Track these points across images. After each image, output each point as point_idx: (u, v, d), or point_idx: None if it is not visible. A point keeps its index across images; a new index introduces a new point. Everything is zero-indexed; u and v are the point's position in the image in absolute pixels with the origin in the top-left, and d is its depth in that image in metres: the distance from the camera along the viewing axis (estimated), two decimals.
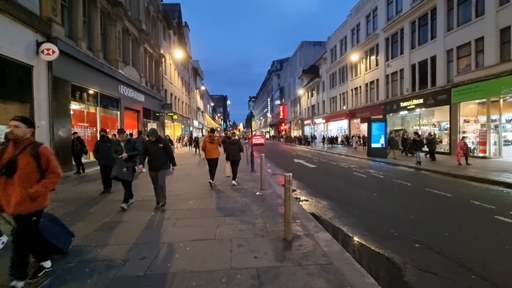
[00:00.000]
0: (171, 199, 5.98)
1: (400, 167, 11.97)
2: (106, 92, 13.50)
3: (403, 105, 21.92)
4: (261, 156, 6.93)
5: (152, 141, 5.36)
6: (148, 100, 19.86)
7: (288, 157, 18.41)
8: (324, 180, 8.87)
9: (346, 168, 11.80)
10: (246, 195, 6.33)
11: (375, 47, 26.66)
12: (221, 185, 7.65)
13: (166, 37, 26.49)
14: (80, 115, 11.68)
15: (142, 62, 18.91)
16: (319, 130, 44.33)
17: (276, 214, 4.81)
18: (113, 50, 14.55)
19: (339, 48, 35.61)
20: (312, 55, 51.04)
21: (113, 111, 14.68)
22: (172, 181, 8.47)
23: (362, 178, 9.02)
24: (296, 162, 14.34)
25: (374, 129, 16.63)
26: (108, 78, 13.58)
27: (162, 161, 5.38)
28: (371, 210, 5.32)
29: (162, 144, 5.40)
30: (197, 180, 8.56)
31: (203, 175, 9.61)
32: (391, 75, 24.11)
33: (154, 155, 5.34)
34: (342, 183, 8.33)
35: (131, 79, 16.37)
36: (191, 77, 41.88)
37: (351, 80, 31.95)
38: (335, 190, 7.25)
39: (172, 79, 28.90)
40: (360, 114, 29.71)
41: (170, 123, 28.39)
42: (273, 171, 11.46)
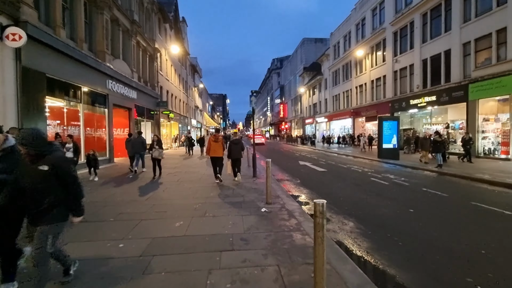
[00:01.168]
0: (153, 219, 4.64)
1: (420, 171, 10.65)
2: (91, 87, 12.14)
3: (413, 103, 20.60)
4: (267, 161, 5.58)
5: (27, 157, 2.37)
6: (141, 97, 18.48)
7: (291, 158, 17.06)
8: (340, 189, 7.53)
9: (360, 172, 10.47)
10: (249, 212, 5.00)
11: (382, 42, 25.32)
12: (220, 190, 6.35)
13: (161, 31, 25.09)
14: (59, 113, 10.31)
15: (134, 56, 17.53)
16: (321, 129, 43.00)
17: (293, 246, 3.48)
18: (99, 41, 13.16)
19: (343, 44, 34.25)
20: (314, 52, 49.65)
21: (100, 108, 13.31)
22: (161, 189, 7.14)
23: (384, 186, 7.69)
24: (302, 165, 13.01)
25: (385, 128, 15.30)
26: (93, 72, 12.21)
27: (44, 204, 2.36)
28: (420, 239, 3.91)
29: (50, 165, 2.36)
30: (190, 188, 7.23)
31: (198, 181, 8.27)
32: (400, 71, 22.77)
33: (27, 187, 2.38)
34: (362, 193, 6.99)
35: (121, 73, 15.00)
36: (189, 74, 40.47)
37: (355, 77, 30.62)
38: (358, 204, 5.92)
39: (169, 75, 27.51)
40: (365, 113, 28.40)
41: (166, 122, 27.01)
42: (277, 176, 10.13)
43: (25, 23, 8.08)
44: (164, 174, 9.97)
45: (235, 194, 6.49)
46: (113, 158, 14.18)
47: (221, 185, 7.74)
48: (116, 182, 8.37)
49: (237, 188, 7.18)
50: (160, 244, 3.58)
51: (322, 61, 41.61)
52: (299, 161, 14.61)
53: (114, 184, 8.01)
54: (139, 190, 7.19)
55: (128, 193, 6.71)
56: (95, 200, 6.00)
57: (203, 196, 6.30)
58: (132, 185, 7.63)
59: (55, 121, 10.02)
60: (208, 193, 6.62)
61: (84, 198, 2.57)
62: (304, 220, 4.48)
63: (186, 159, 15.62)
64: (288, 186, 8.00)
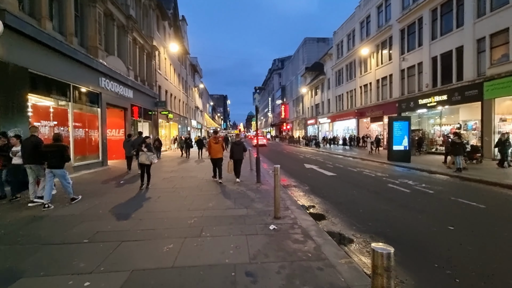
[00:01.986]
0: (136, 241, 3.77)
1: (438, 176, 9.75)
2: (81, 85, 11.28)
3: (422, 103, 19.71)
4: (275, 168, 4.70)
5: None
6: (138, 96, 17.64)
7: (296, 161, 16.17)
8: (356, 197, 6.63)
9: (374, 177, 9.57)
10: (254, 229, 4.12)
11: (388, 40, 24.44)
12: (219, 199, 5.48)
13: (160, 29, 24.27)
14: (44, 112, 9.45)
15: (130, 53, 16.70)
16: (323, 130, 42.10)
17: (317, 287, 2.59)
18: (92, 36, 12.33)
19: (346, 42, 33.40)
20: (316, 52, 48.83)
21: (92, 108, 12.46)
22: (153, 199, 6.26)
23: (406, 195, 6.78)
24: (308, 168, 12.11)
25: (396, 129, 14.42)
26: (84, 68, 11.37)
27: None
28: (482, 273, 3.00)
29: None
30: (187, 197, 6.35)
31: (195, 189, 7.40)
32: (407, 70, 21.89)
33: None
34: (384, 203, 6.08)
35: (116, 71, 14.15)
36: (189, 74, 39.66)
37: (359, 77, 29.74)
38: (383, 218, 5.01)
39: (167, 75, 26.69)
40: (370, 113, 27.52)
41: (165, 122, 26.16)
42: (283, 180, 9.24)
43: (3, 11, 7.24)
44: (159, 179, 9.10)
45: (238, 205, 5.61)
46: (106, 160, 13.32)
47: (221, 192, 6.87)
48: (103, 190, 7.50)
49: (239, 197, 6.30)
50: (139, 282, 2.70)
51: (325, 61, 40.76)
52: (305, 164, 13.71)
53: (100, 192, 7.13)
54: (128, 199, 6.31)
55: (114, 204, 5.83)
56: (72, 212, 5.13)
57: (200, 207, 5.42)
58: (121, 193, 6.77)
59: (41, 121, 9.15)
60: (207, 203, 5.75)
61: None
62: (323, 243, 3.60)
63: (184, 163, 14.75)
64: (297, 194, 7.12)
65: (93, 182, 8.61)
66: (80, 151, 11.52)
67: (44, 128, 9.23)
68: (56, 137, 6.02)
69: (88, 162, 11.82)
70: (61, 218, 4.83)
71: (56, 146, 5.79)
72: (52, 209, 5.44)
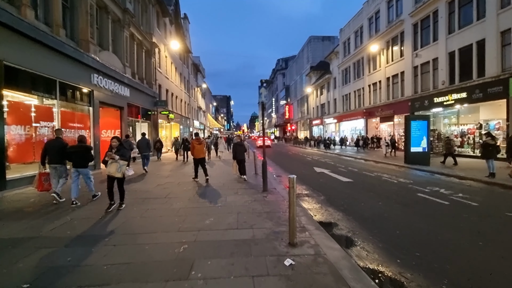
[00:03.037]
0: (100, 286, 2.68)
1: (470, 182, 8.54)
2: (69, 81, 10.28)
3: (438, 101, 18.43)
4: (290, 179, 3.57)
5: None
6: (136, 95, 16.65)
7: (304, 163, 15.00)
8: (383, 210, 5.47)
9: (397, 183, 8.38)
10: (264, 265, 3.02)
11: (399, 36, 23.20)
12: (219, 214, 4.39)
13: (160, 26, 23.32)
14: (25, 110, 8.45)
15: (127, 49, 15.71)
16: (329, 131, 40.85)
17: None
18: (83, 28, 11.34)
19: (354, 40, 32.19)
20: (321, 51, 47.64)
21: (83, 107, 11.47)
22: (139, 213, 5.18)
23: (445, 208, 5.58)
24: (319, 173, 10.96)
25: (414, 129, 13.20)
26: (73, 63, 10.38)
27: None
28: None
29: None
30: (179, 211, 5.26)
31: (192, 200, 6.31)
32: (421, 67, 20.63)
33: None
34: (421, 220, 4.84)
35: (111, 67, 13.16)
36: (191, 73, 38.71)
37: (368, 75, 28.51)
38: (429, 244, 3.82)
39: (168, 73, 25.71)
40: (379, 113, 26.26)
41: (166, 123, 25.18)
42: None
43: None
44: (152, 186, 8.04)
45: (241, 222, 4.51)
46: (99, 164, 12.30)
47: (222, 203, 5.77)
48: (85, 198, 6.44)
49: (243, 210, 5.19)
50: None
51: (331, 59, 39.57)
52: (314, 168, 12.55)
53: (81, 201, 6.08)
54: (110, 213, 5.25)
55: (92, 219, 4.78)
56: (29, 234, 4.06)
57: (194, 226, 4.33)
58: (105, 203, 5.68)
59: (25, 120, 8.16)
60: (203, 220, 4.66)
61: None
62: None
63: (183, 167, 13.66)
64: (311, 206, 5.99)
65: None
66: None
67: (23, 129, 8.23)
68: (81, 139, 6.38)
69: None
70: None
71: (81, 147, 6.19)
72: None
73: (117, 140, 5.63)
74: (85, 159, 6.22)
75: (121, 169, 5.45)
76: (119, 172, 5.42)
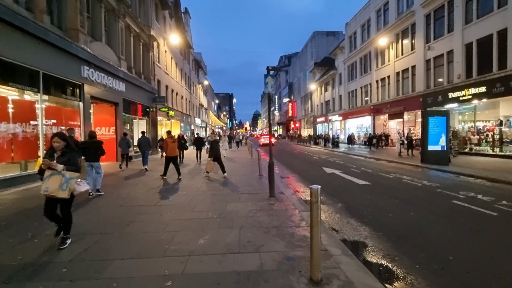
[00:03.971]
0: None
1: (502, 185, 7.50)
2: (55, 73, 9.35)
3: (453, 96, 17.30)
4: (313, 191, 2.58)
5: None
6: (132, 90, 15.72)
7: (311, 163, 13.99)
8: (419, 224, 4.41)
9: (421, 187, 7.35)
10: None
11: (410, 28, 22.02)
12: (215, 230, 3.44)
13: (159, 19, 22.34)
14: (1, 104, 7.53)
15: (122, 42, 14.76)
16: (334, 128, 39.74)
17: None
18: (71, 16, 10.40)
19: (360, 34, 31.00)
20: (325, 47, 46.37)
21: (72, 101, 10.55)
22: (119, 227, 4.24)
23: (497, 221, 4.49)
24: (330, 174, 9.95)
25: (431, 126, 12.13)
26: (59, 53, 9.45)
27: None
28: None
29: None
30: (168, 226, 4.32)
31: (186, 207, 5.36)
32: (434, 60, 19.48)
33: None
34: (474, 237, 3.74)
35: (104, 60, 12.23)
36: (193, 70, 37.73)
37: (376, 70, 27.36)
38: (503, 273, 2.88)
39: (168, 69, 24.75)
40: (388, 110, 25.14)
41: (166, 120, 24.28)
42: (302, 191, 7.18)
43: None
44: (143, 190, 7.11)
45: (244, 242, 3.54)
46: None
47: (221, 215, 4.81)
48: None
49: (247, 224, 4.22)
50: None
51: (336, 55, 38.39)
52: (323, 168, 11.54)
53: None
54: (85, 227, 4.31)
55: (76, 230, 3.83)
56: None
57: (184, 249, 3.36)
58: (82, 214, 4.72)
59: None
60: (196, 238, 3.70)
61: None
62: None
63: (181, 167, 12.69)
64: (330, 218, 4.96)
65: None
66: None
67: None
68: (92, 135, 6.77)
69: None
70: None
71: (93, 143, 6.55)
72: None
73: (61, 138, 3.57)
74: (98, 153, 6.56)
75: (69, 186, 3.43)
76: (64, 189, 3.38)
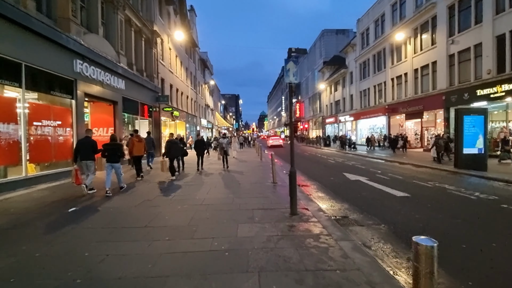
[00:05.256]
0: None
1: None
2: (42, 66, 8.26)
3: (482, 93, 15.74)
4: (421, 252, 1.30)
5: None
6: (133, 88, 14.64)
7: (329, 168, 12.59)
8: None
9: (477, 200, 5.91)
10: None
11: (431, 21, 20.47)
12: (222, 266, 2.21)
13: (163, 14, 21.30)
14: None
15: (121, 36, 13.69)
16: (345, 129, 38.19)
17: None
18: (62, 4, 9.31)
19: (373, 30, 29.48)
20: (335, 45, 44.87)
21: (63, 99, 9.46)
22: (76, 281, 3.04)
23: None
24: (355, 181, 8.59)
25: (467, 126, 10.67)
26: (47, 44, 8.37)
27: None
28: None
29: None
30: (155, 266, 3.10)
31: (185, 233, 4.12)
32: (458, 55, 17.92)
33: None
34: None
35: (100, 54, 11.14)
36: (198, 69, 36.69)
37: (391, 67, 25.82)
38: None
39: (173, 67, 23.70)
40: (405, 109, 23.58)
41: (170, 121, 23.22)
42: (330, 208, 5.87)
43: None
44: (139, 200, 5.89)
45: None
46: None
47: (230, 246, 3.55)
48: (26, 224, 4.36)
49: (267, 266, 2.95)
50: None
51: (347, 53, 36.90)
52: (344, 173, 10.17)
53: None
54: (45, 258, 3.11)
55: None
56: None
57: None
58: (39, 238, 3.53)
59: None
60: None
61: None
62: None
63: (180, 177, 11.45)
64: (380, 249, 3.65)
65: (34, 206, 5.51)
66: (41, 157, 8.51)
67: None
68: (113, 138, 7.38)
69: (53, 172, 8.81)
70: None
71: (114, 145, 7.14)
72: None
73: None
74: (118, 155, 7.14)
75: None
76: None
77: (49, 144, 8.71)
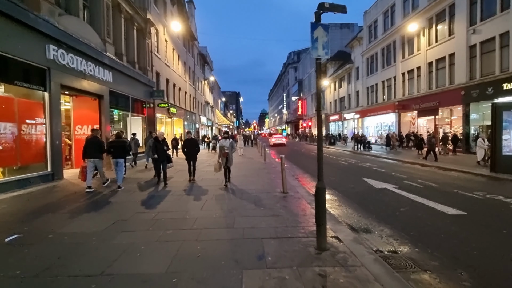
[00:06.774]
0: None
1: None
2: (1, 51, 6.78)
3: (509, 88, 14.21)
4: None
5: None
6: (123, 81, 13.15)
7: (344, 171, 11.04)
8: None
9: None
10: None
11: (448, 10, 18.87)
12: None
13: (158, 2, 19.73)
14: None
15: (108, 21, 12.17)
16: (349, 127, 36.72)
17: None
18: None
19: (382, 22, 27.86)
20: (339, 39, 43.36)
21: (32, 91, 7.98)
22: None
23: None
24: (381, 190, 7.11)
25: (507, 123, 9.18)
26: (10, 24, 6.88)
27: None
28: None
29: None
30: None
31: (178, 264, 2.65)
32: (481, 45, 16.35)
33: None
34: None
35: (81, 40, 9.64)
36: (198, 64, 35.13)
37: (401, 61, 24.26)
38: None
39: (169, 60, 22.16)
40: (417, 106, 22.02)
41: (167, 118, 21.73)
42: (368, 234, 4.41)
43: None
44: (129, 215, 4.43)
45: None
46: (61, 172, 8.81)
47: None
48: None
49: None
50: None
51: (352, 47, 35.33)
52: (364, 179, 8.68)
53: None
54: None
55: None
56: None
57: None
58: None
59: None
60: None
61: None
62: None
63: (178, 173, 9.96)
64: None
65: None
66: (6, 160, 7.06)
67: None
68: (119, 135, 8.10)
69: (23, 177, 7.36)
70: None
71: (120, 142, 7.75)
72: None
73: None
74: (123, 151, 7.63)
75: None
76: None
77: (15, 144, 7.24)
